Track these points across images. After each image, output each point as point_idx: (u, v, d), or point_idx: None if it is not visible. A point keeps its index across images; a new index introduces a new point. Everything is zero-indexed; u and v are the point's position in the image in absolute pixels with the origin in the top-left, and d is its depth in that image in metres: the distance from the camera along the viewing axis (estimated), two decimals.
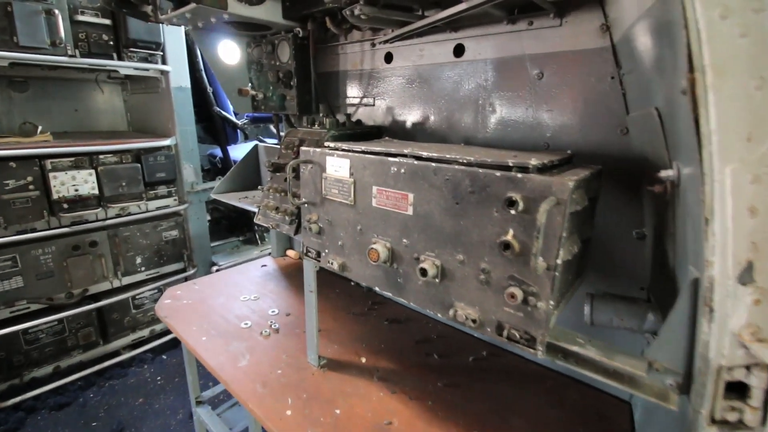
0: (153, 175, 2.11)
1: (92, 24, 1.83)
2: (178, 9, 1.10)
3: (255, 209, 1.22)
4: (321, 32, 1.33)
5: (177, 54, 2.13)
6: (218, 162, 2.67)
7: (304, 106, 1.35)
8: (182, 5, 1.11)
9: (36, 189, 1.77)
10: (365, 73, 1.30)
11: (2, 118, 2.21)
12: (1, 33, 1.59)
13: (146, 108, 2.44)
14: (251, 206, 1.27)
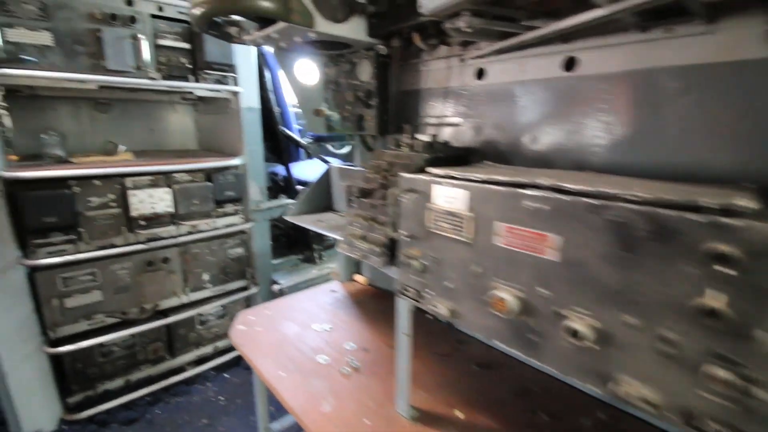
0: (222, 193, 2.14)
1: (172, 48, 1.90)
2: (265, 29, 1.08)
3: (335, 235, 1.15)
4: (403, 49, 1.25)
5: (248, 75, 2.17)
6: (280, 180, 2.69)
7: (383, 126, 1.28)
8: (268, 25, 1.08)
9: (117, 206, 1.84)
10: (451, 91, 1.20)
11: (87, 137, 2.36)
12: (92, 57, 1.67)
13: (215, 127, 2.52)
14: (332, 232, 1.20)
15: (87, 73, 1.66)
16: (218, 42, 1.97)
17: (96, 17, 1.64)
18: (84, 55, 1.64)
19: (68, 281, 1.78)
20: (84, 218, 1.75)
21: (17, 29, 1.49)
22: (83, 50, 1.64)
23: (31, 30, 1.52)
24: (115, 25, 1.68)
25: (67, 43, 1.60)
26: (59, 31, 1.57)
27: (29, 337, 1.71)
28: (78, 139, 2.34)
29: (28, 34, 1.51)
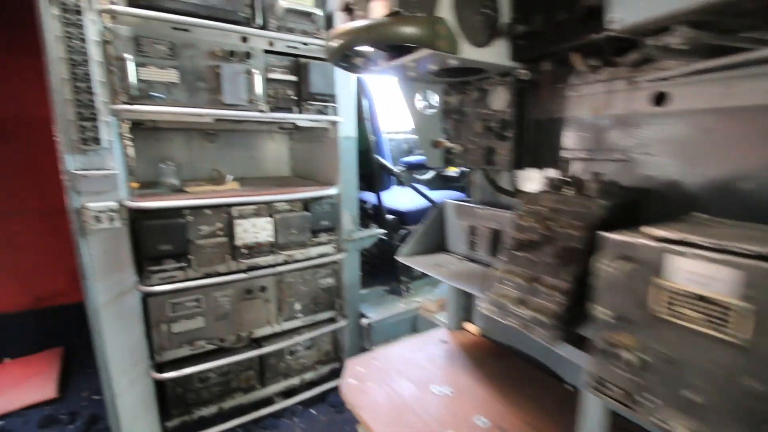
0: (318, 223, 2.10)
1: (280, 81, 1.92)
2: (399, 58, 0.97)
3: (473, 290, 0.99)
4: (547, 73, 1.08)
5: (347, 104, 2.14)
6: (369, 208, 2.62)
7: (517, 160, 1.11)
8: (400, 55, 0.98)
9: (224, 235, 1.86)
10: (615, 120, 1.00)
11: (196, 165, 2.49)
12: (211, 92, 1.73)
13: (310, 155, 2.53)
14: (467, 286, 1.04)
15: (206, 107, 1.72)
16: (323, 73, 1.96)
17: (216, 54, 1.70)
18: (204, 90, 1.70)
19: (176, 307, 1.82)
20: (194, 246, 1.79)
21: (149, 68, 1.58)
22: (204, 86, 1.70)
23: (160, 68, 1.60)
24: (233, 61, 1.74)
25: (190, 80, 1.67)
26: (184, 68, 1.65)
27: (138, 361, 1.76)
28: (188, 166, 2.49)
29: (157, 72, 1.60)
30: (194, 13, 1.62)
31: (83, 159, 1.53)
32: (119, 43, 1.52)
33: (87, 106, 1.49)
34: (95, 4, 1.47)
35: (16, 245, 2.63)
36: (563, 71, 1.01)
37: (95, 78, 1.49)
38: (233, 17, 1.71)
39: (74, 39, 1.44)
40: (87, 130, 1.50)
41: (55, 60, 1.43)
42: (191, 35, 1.66)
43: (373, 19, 0.85)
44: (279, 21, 1.85)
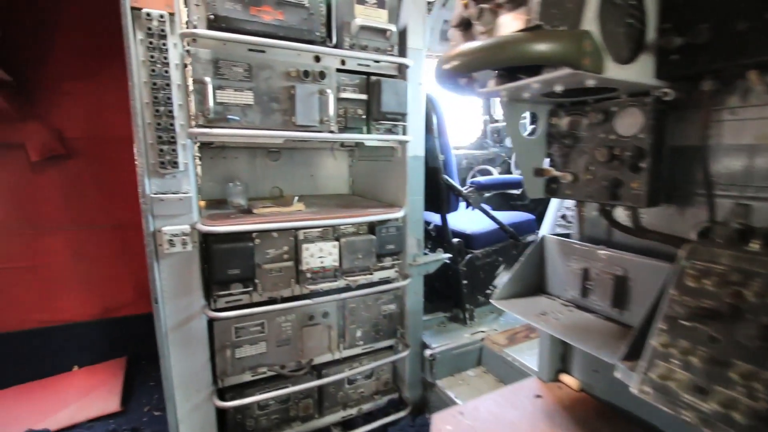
0: (383, 247, 1.99)
1: (351, 100, 1.85)
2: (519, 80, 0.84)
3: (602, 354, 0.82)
4: (690, 93, 0.90)
5: (417, 123, 2.03)
6: (432, 230, 2.48)
7: (653, 195, 0.93)
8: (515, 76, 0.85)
9: (289, 259, 1.80)
10: None
11: (259, 183, 2.49)
12: (284, 114, 1.68)
13: (373, 174, 2.44)
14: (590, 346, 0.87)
15: (279, 129, 1.67)
16: (395, 91, 1.87)
17: (291, 75, 1.65)
18: (278, 111, 1.66)
19: (240, 332, 1.77)
20: (260, 270, 1.73)
21: (226, 91, 1.56)
22: (277, 107, 1.66)
23: (237, 91, 1.57)
24: (307, 81, 1.68)
25: (265, 101, 1.63)
26: (259, 90, 1.61)
27: (202, 387, 1.71)
28: (251, 184, 2.49)
29: (234, 95, 1.57)
30: (272, 34, 1.58)
31: (160, 182, 1.52)
32: (199, 66, 1.50)
33: (166, 129, 1.48)
34: (178, 29, 1.47)
35: (89, 257, 2.74)
36: (724, 91, 0.83)
37: (175, 102, 1.48)
38: (309, 37, 1.66)
39: (157, 63, 1.44)
40: (165, 153, 1.49)
41: (138, 85, 1.43)
42: (267, 56, 1.63)
43: (504, 35, 0.72)
44: (353, 39, 1.78)
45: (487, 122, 3.73)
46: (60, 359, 2.65)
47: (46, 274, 2.67)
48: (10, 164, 2.50)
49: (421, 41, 1.99)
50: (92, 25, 2.45)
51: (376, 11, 1.83)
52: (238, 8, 1.51)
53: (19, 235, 2.59)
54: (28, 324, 2.66)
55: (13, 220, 2.57)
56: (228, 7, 1.48)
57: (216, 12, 1.47)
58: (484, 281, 2.50)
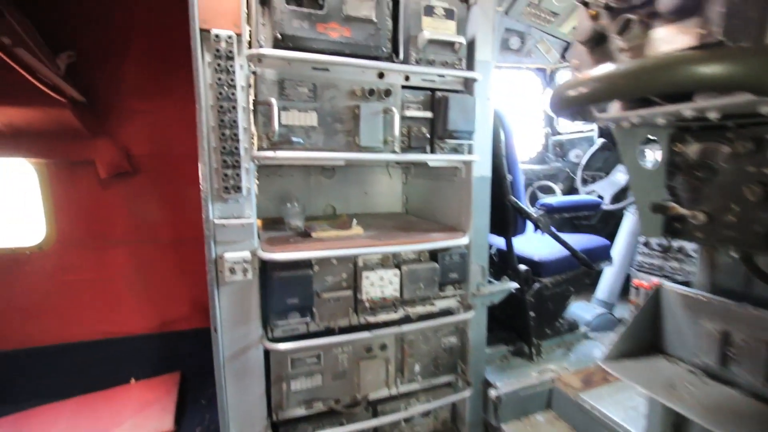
0: (446, 275, 1.85)
1: (416, 118, 1.73)
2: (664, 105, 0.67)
3: None
4: None
5: (484, 141, 1.88)
6: (495, 255, 2.30)
7: None
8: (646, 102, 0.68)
9: (348, 287, 1.70)
10: None
11: (313, 200, 2.44)
12: (347, 134, 1.59)
13: (430, 193, 2.31)
14: None
15: (342, 150, 1.58)
16: (462, 108, 1.73)
17: (356, 94, 1.57)
18: (341, 132, 1.58)
19: (296, 363, 1.68)
20: (318, 299, 1.64)
21: (291, 112, 1.49)
22: (341, 128, 1.57)
23: (301, 111, 1.51)
24: (371, 100, 1.59)
25: (328, 122, 1.55)
26: (324, 110, 1.54)
27: (256, 420, 1.64)
28: (306, 201, 2.44)
29: (298, 116, 1.50)
30: (339, 51, 1.50)
31: (223, 207, 1.47)
32: (264, 87, 1.45)
33: (231, 153, 1.43)
34: (245, 49, 1.43)
35: (149, 271, 2.81)
36: None
37: (240, 124, 1.43)
38: (375, 53, 1.57)
39: (224, 86, 1.40)
40: (230, 178, 1.44)
41: (206, 108, 1.40)
42: (332, 75, 1.55)
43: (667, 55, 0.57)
44: (420, 53, 1.67)
45: (549, 135, 3.49)
46: (119, 371, 2.72)
47: (110, 287, 2.76)
48: (81, 180, 2.61)
49: (489, 53, 1.84)
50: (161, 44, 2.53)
51: (445, 23, 1.71)
52: (305, 26, 1.44)
53: (88, 248, 2.70)
54: (94, 335, 2.75)
55: (84, 233, 2.68)
56: (295, 25, 1.42)
57: (283, 31, 1.41)
58: (553, 313, 2.27)
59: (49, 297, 2.67)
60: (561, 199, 2.16)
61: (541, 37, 2.99)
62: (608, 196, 2.82)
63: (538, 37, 3.00)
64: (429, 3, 1.67)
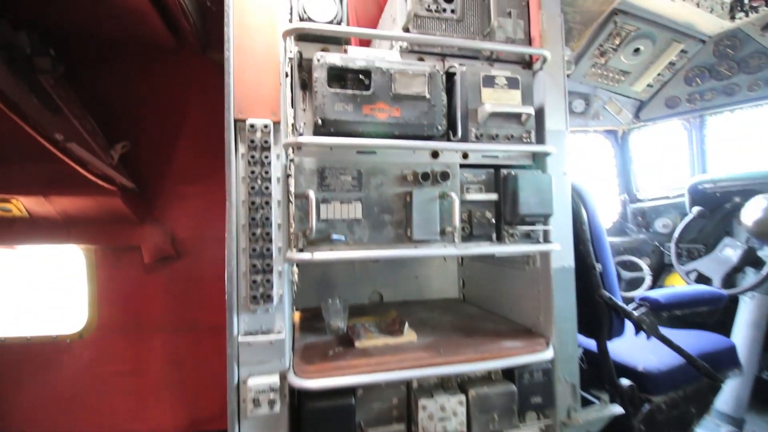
0: (526, 400, 1.43)
1: (478, 202, 1.45)
2: None
3: None
4: None
5: (563, 224, 1.54)
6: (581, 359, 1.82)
7: None
8: None
9: (399, 419, 1.33)
10: None
11: (358, 287, 2.18)
12: (396, 227, 1.34)
13: (492, 280, 1.96)
14: None
15: (391, 245, 1.32)
16: (536, 188, 1.44)
17: (407, 179, 1.33)
18: (390, 224, 1.33)
19: None
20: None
21: (332, 204, 1.28)
22: (389, 219, 1.33)
23: (343, 203, 1.29)
24: (425, 185, 1.34)
25: (375, 214, 1.32)
26: (370, 200, 1.31)
27: None
28: (348, 288, 2.18)
29: (340, 208, 1.28)
30: (387, 133, 1.30)
31: (250, 319, 1.23)
32: (302, 178, 1.25)
33: (262, 256, 1.21)
34: (283, 137, 1.26)
35: (184, 361, 2.60)
36: None
37: (274, 221, 1.23)
38: (429, 132, 1.35)
39: (258, 179, 1.22)
40: (259, 285, 1.20)
41: (236, 204, 1.21)
42: (378, 158, 1.34)
43: None
44: (480, 128, 1.43)
45: (627, 202, 3.04)
46: None
47: (143, 379, 2.57)
48: (126, 266, 2.56)
49: (562, 122, 1.57)
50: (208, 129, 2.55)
51: (508, 93, 1.48)
52: (350, 109, 1.26)
53: (127, 336, 2.57)
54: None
55: (123, 320, 2.57)
56: (338, 109, 1.24)
57: (324, 116, 1.24)
58: None
59: (83, 388, 2.52)
60: (670, 293, 1.70)
61: (610, 97, 2.71)
62: (718, 278, 2.28)
63: (606, 98, 2.72)
64: (488, 73, 1.46)
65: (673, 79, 2.65)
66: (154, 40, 2.10)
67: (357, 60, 1.27)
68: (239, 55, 1.25)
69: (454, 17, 1.48)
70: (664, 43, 2.41)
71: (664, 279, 2.75)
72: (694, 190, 2.60)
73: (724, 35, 2.34)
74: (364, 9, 1.98)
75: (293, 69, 1.31)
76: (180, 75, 2.40)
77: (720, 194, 2.49)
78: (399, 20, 1.45)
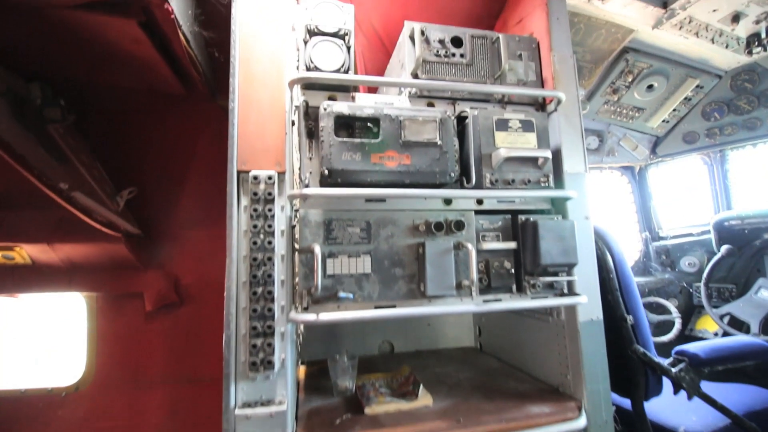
0: None
1: (495, 252, 1.35)
2: None
3: None
4: None
5: (588, 273, 1.43)
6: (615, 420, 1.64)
7: None
8: None
9: None
10: None
11: (367, 337, 2.07)
12: (408, 282, 1.24)
13: (510, 330, 1.82)
14: None
15: (403, 302, 1.22)
16: (558, 235, 1.33)
17: (419, 230, 1.25)
18: (401, 279, 1.23)
19: None
20: None
21: (338, 258, 1.19)
22: (400, 273, 1.24)
23: (351, 257, 1.20)
24: (439, 235, 1.25)
25: (385, 268, 1.23)
26: (379, 253, 1.23)
27: None
28: (357, 338, 2.06)
29: (347, 263, 1.19)
30: (397, 182, 1.23)
31: (249, 388, 1.11)
32: (308, 231, 1.18)
33: (263, 317, 1.12)
34: (287, 189, 1.20)
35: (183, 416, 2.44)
36: None
37: (277, 279, 1.14)
38: (441, 179, 1.27)
39: (260, 233, 1.15)
40: (259, 350, 1.10)
41: (237, 260, 1.14)
42: (388, 208, 1.27)
43: None
44: (495, 174, 1.36)
45: (649, 240, 2.90)
46: None
47: None
48: (126, 314, 2.47)
49: (581, 164, 1.49)
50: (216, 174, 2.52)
51: (522, 136, 1.42)
52: (357, 158, 1.20)
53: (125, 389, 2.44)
54: None
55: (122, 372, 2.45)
56: (346, 158, 1.19)
57: (331, 166, 1.18)
58: None
59: None
60: (711, 346, 1.54)
61: (625, 133, 2.64)
62: (756, 323, 2.10)
63: (620, 135, 2.66)
64: (501, 116, 1.40)
65: (689, 114, 2.59)
66: (164, 89, 2.12)
67: (365, 108, 1.23)
68: (244, 106, 1.22)
69: (463, 61, 1.45)
70: (679, 79, 2.36)
71: (695, 322, 2.57)
72: (720, 227, 2.47)
73: (741, 69, 2.30)
74: (372, 55, 1.98)
75: (300, 118, 1.27)
76: (189, 121, 2.41)
77: (748, 231, 2.36)
78: (408, 66, 1.42)
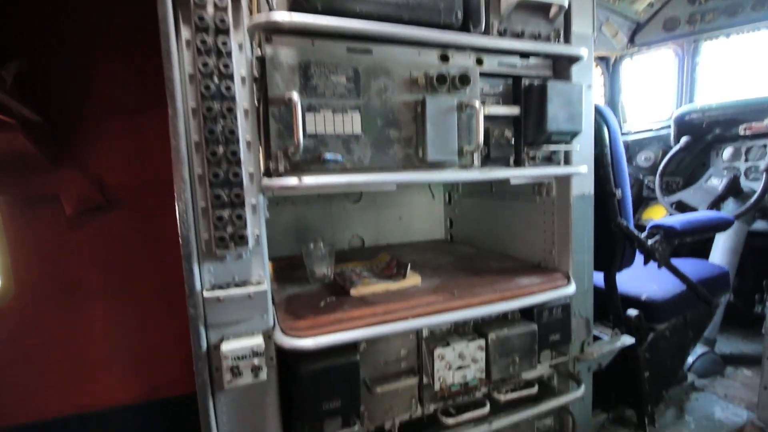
0: (545, 339, 1.29)
1: (496, 118, 1.19)
2: None
3: None
4: None
5: (586, 145, 1.33)
6: None
7: None
8: None
9: (410, 372, 1.14)
10: None
11: (336, 231, 1.93)
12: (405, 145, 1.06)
13: (486, 216, 1.77)
14: None
15: (400, 168, 1.04)
16: (566, 100, 1.18)
17: (418, 83, 1.02)
18: (396, 143, 1.03)
19: None
20: (368, 395, 1.08)
21: (321, 113, 0.94)
22: (397, 135, 1.03)
23: (337, 112, 0.96)
24: (440, 91, 1.04)
25: (377, 128, 1.01)
26: (371, 109, 1.00)
27: None
28: (325, 233, 1.91)
29: (332, 119, 0.96)
30: (392, 16, 0.96)
31: (217, 269, 0.92)
32: (279, 77, 0.91)
33: (228, 183, 0.88)
34: (245, 19, 0.89)
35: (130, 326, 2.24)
36: None
37: (242, 137, 0.89)
38: (447, 20, 1.02)
39: (213, 76, 0.85)
40: (226, 223, 0.89)
41: (183, 113, 0.85)
42: (380, 56, 1.02)
43: None
44: (503, 23, 1.13)
45: None
46: None
47: (83, 350, 2.19)
48: (42, 220, 2.06)
49: (589, 24, 1.31)
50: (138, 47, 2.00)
51: None
52: None
53: (55, 303, 2.13)
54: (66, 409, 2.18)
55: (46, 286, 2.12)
56: None
57: None
58: (671, 369, 1.70)
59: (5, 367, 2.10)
60: (684, 219, 1.60)
61: (608, 17, 2.46)
62: (703, 208, 2.27)
63: (603, 18, 2.47)
64: None
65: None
66: None
67: None
68: None
69: None
70: None
71: (641, 212, 2.75)
72: (681, 120, 2.52)
73: None
74: None
75: None
76: None
77: (706, 125, 2.44)
78: None
